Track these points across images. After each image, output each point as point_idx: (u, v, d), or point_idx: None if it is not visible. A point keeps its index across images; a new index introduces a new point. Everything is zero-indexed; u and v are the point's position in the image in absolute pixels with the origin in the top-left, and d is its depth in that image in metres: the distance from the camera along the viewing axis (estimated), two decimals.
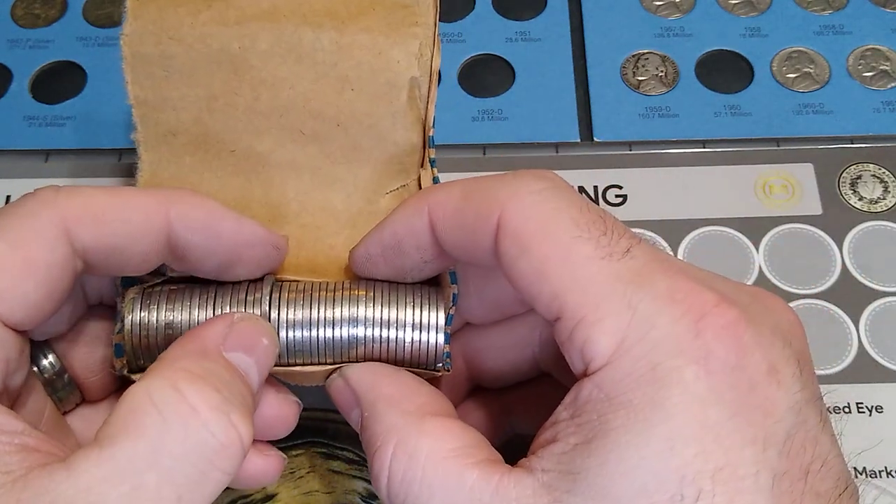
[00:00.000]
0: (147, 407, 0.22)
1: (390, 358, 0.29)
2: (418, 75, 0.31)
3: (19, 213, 0.25)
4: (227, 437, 0.23)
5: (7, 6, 0.49)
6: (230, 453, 0.23)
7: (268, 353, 0.27)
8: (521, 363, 0.32)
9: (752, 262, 0.41)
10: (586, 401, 0.23)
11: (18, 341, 0.26)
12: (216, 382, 0.24)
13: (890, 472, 0.36)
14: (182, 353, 0.25)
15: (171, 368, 0.24)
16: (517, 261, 0.25)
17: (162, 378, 0.23)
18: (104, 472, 0.21)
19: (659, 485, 0.22)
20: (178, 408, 0.22)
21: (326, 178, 0.31)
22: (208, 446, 0.22)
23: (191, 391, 0.23)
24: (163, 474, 0.22)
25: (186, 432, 0.22)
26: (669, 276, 0.24)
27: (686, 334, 0.23)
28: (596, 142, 0.45)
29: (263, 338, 0.27)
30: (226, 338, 0.26)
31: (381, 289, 0.29)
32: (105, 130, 0.45)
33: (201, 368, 0.24)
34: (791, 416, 0.23)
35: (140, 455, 0.22)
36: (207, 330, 0.26)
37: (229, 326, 0.26)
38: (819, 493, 0.22)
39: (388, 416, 0.26)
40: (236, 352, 0.26)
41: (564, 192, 0.25)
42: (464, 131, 0.45)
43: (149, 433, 0.22)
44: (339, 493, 0.35)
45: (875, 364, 0.39)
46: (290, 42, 0.30)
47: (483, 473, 0.24)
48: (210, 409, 0.23)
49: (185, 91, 0.30)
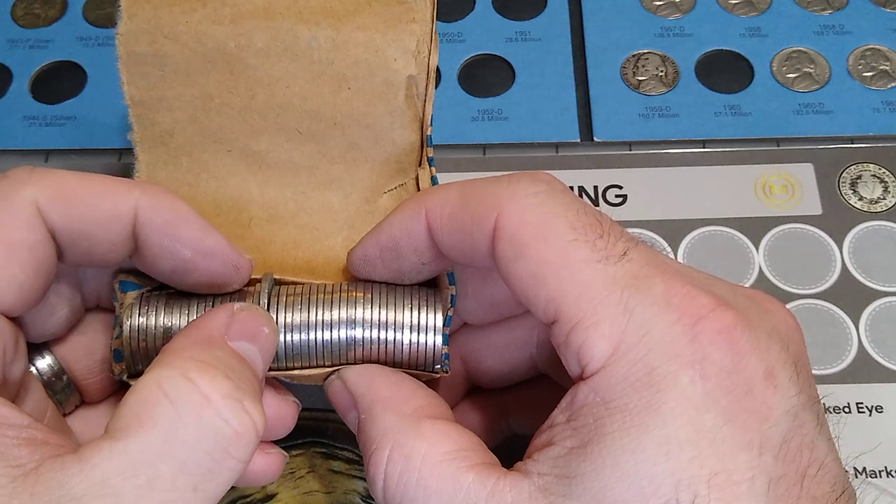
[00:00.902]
0: (159, 397, 0.22)
1: (388, 360, 0.29)
2: (416, 73, 0.30)
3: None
4: (241, 424, 0.23)
5: (7, 6, 0.49)
6: (245, 440, 0.23)
7: (269, 342, 0.26)
8: (518, 364, 0.31)
9: (752, 263, 0.41)
10: (582, 404, 0.23)
11: (13, 329, 0.25)
12: (226, 370, 0.23)
13: (890, 473, 0.36)
14: (188, 343, 0.24)
15: (179, 358, 0.23)
16: (514, 264, 0.25)
17: (171, 368, 0.23)
18: (118, 465, 0.21)
19: (655, 489, 0.22)
20: (191, 397, 0.22)
21: (324, 178, 0.31)
22: (223, 434, 0.22)
23: (202, 380, 0.23)
24: (178, 465, 0.22)
25: (200, 421, 0.22)
26: (666, 279, 0.24)
27: (682, 338, 0.23)
28: (596, 142, 0.45)
29: (264, 326, 0.26)
30: (229, 327, 0.25)
31: (380, 290, 0.29)
32: (105, 130, 0.45)
33: (210, 356, 0.24)
34: (787, 420, 0.23)
35: (154, 446, 0.22)
36: (210, 320, 0.26)
37: (231, 316, 0.26)
38: (815, 497, 0.22)
39: (385, 418, 0.26)
40: (240, 340, 0.25)
41: (561, 195, 0.25)
42: (464, 131, 0.45)
43: (162, 424, 0.22)
44: (339, 493, 0.35)
45: (875, 364, 0.39)
46: (286, 40, 0.30)
47: (479, 477, 0.24)
48: (222, 397, 0.22)
49: (180, 91, 0.30)
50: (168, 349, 0.24)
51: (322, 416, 0.36)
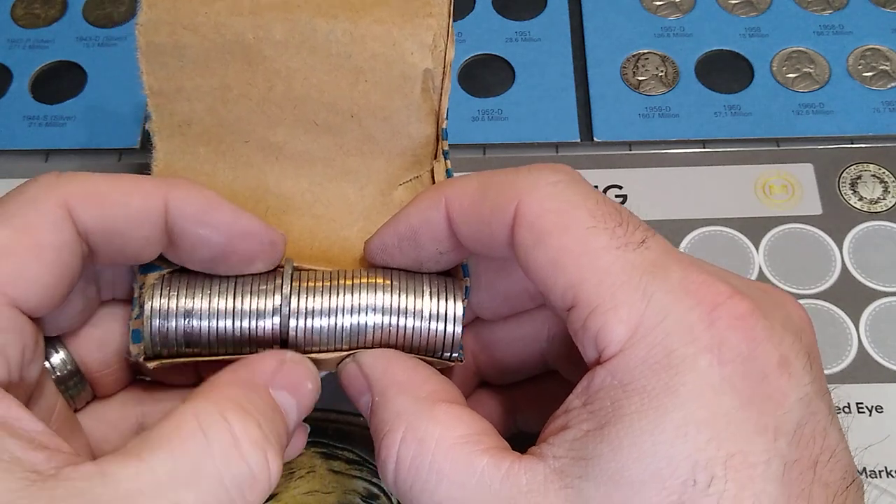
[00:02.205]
0: (193, 428, 0.23)
1: (406, 346, 0.29)
2: (432, 67, 0.30)
3: (22, 198, 0.25)
4: (261, 471, 0.23)
5: (7, 6, 0.49)
6: (260, 487, 0.23)
7: (309, 397, 0.27)
8: (528, 358, 0.32)
9: (752, 263, 0.41)
10: (599, 388, 0.23)
11: (34, 329, 0.26)
12: (260, 418, 0.24)
13: (890, 473, 0.36)
14: (232, 381, 0.25)
15: (220, 396, 0.24)
16: (533, 251, 0.25)
17: (211, 403, 0.24)
18: (143, 484, 0.21)
19: (672, 470, 0.22)
20: (223, 436, 0.23)
21: (340, 170, 0.31)
22: (244, 477, 0.23)
23: (237, 422, 0.23)
24: (200, 495, 0.22)
25: (227, 460, 0.23)
26: (683, 267, 0.24)
27: (700, 324, 0.23)
28: (596, 142, 0.45)
29: (308, 382, 0.27)
30: (275, 374, 0.26)
31: (400, 277, 0.29)
32: (105, 130, 0.45)
33: (248, 401, 0.24)
34: (801, 407, 0.23)
35: (181, 472, 0.22)
36: (259, 363, 0.26)
37: (279, 364, 0.27)
38: (827, 484, 0.23)
39: (399, 401, 0.26)
40: (282, 391, 0.26)
41: (580, 185, 0.26)
42: (464, 131, 0.45)
43: (192, 452, 0.22)
44: (339, 493, 0.35)
45: (875, 364, 0.39)
46: (305, 33, 0.30)
47: (493, 460, 0.24)
48: (251, 443, 0.23)
49: (199, 81, 0.30)
50: (213, 382, 0.25)
51: (322, 416, 0.36)
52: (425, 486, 0.24)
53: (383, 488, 0.36)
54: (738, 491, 0.22)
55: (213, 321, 0.28)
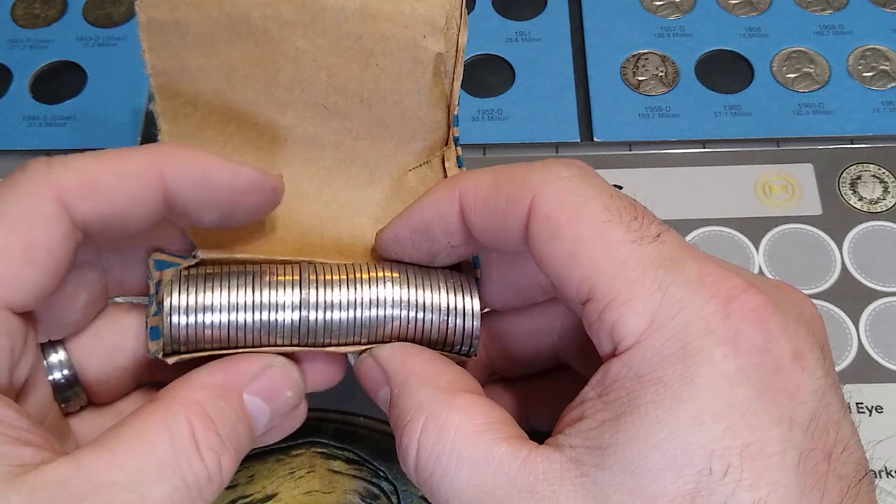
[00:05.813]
0: (161, 427, 0.24)
1: (423, 340, 0.29)
2: (444, 51, 0.30)
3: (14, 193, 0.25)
4: (214, 474, 0.25)
5: (7, 6, 0.49)
6: (214, 488, 0.25)
7: (287, 404, 0.28)
8: (540, 352, 0.32)
9: (752, 263, 0.41)
10: (615, 379, 0.23)
11: (23, 327, 0.26)
12: (220, 425, 0.25)
13: (890, 473, 0.36)
14: (204, 385, 0.26)
15: (188, 398, 0.25)
16: (548, 244, 0.25)
17: (179, 405, 0.25)
18: (115, 477, 0.23)
19: (688, 459, 0.22)
20: (185, 438, 0.24)
21: (349, 154, 0.31)
22: (202, 477, 0.24)
23: (199, 427, 0.25)
24: (166, 491, 0.23)
25: (189, 459, 0.24)
26: (698, 261, 0.24)
27: (715, 315, 0.23)
28: (596, 142, 0.45)
29: (289, 390, 0.28)
30: (253, 379, 0.27)
31: (415, 272, 0.29)
32: (105, 130, 0.45)
33: (213, 406, 0.25)
34: (815, 399, 0.23)
35: (150, 468, 0.23)
36: (240, 366, 0.27)
37: (263, 369, 0.27)
38: (841, 476, 0.23)
39: (419, 391, 0.26)
40: (256, 396, 0.27)
41: (594, 179, 0.26)
42: (464, 131, 0.45)
43: (160, 451, 0.24)
44: (339, 493, 0.35)
45: (875, 364, 0.39)
46: (313, 11, 0.29)
47: (511, 448, 0.24)
48: (208, 448, 0.25)
49: (203, 61, 0.29)
50: (187, 380, 0.26)
51: (322, 416, 0.36)
52: (445, 471, 0.24)
53: (383, 488, 0.36)
54: (754, 480, 0.22)
55: (231, 315, 0.28)
